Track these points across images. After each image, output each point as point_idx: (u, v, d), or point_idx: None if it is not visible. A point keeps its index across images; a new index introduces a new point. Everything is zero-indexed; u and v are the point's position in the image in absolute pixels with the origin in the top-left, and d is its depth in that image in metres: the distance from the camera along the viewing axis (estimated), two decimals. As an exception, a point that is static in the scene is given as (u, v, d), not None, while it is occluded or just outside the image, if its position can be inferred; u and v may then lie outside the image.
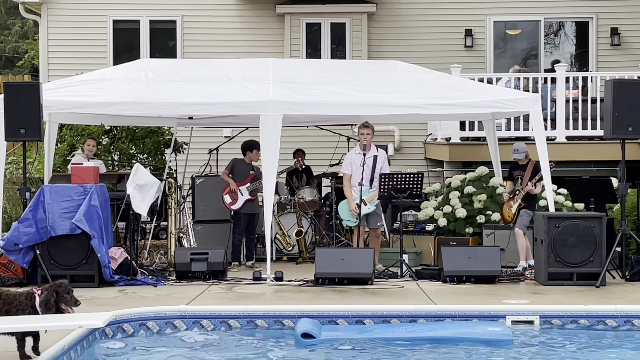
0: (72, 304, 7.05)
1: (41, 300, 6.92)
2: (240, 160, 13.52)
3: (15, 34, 38.85)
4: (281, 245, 14.10)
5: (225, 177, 13.36)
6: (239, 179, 13.30)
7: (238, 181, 13.28)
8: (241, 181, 13.28)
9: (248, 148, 13.49)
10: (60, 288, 7.00)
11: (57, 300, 6.96)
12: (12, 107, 11.06)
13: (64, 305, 7.00)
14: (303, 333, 8.43)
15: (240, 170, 13.39)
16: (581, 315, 9.14)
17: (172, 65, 14.42)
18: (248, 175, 13.30)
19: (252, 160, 13.46)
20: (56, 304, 6.97)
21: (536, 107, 12.30)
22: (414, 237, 13.74)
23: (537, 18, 19.12)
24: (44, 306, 6.91)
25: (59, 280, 7.15)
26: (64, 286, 7.04)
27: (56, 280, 7.17)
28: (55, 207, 11.06)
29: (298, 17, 18.84)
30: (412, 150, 18.74)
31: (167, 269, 12.48)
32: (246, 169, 13.37)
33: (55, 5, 19.00)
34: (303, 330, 8.46)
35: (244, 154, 13.49)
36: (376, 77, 13.09)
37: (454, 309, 9.23)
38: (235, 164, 13.49)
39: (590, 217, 11.35)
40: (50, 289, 6.98)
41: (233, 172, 13.38)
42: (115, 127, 15.70)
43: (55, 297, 6.95)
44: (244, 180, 13.28)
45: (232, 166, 13.47)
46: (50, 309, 6.92)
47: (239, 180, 13.29)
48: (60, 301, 6.97)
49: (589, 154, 15.95)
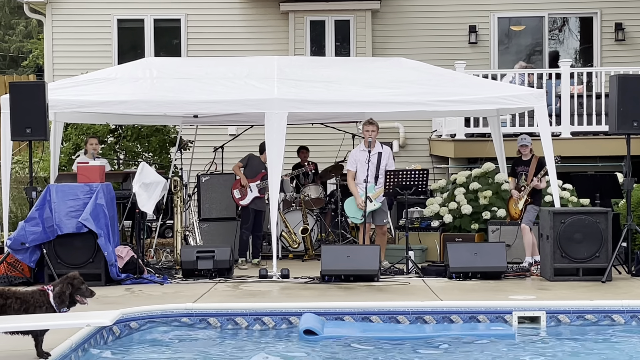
0: (88, 295, 7.10)
1: (55, 293, 6.95)
2: (256, 157, 13.53)
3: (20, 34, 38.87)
4: (287, 242, 14.11)
5: (237, 170, 13.38)
6: (250, 175, 13.32)
7: (249, 177, 13.30)
8: (252, 177, 13.30)
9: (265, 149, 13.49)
10: (75, 280, 7.05)
11: (72, 293, 7.00)
12: (17, 107, 11.10)
13: (79, 296, 7.04)
14: (305, 330, 8.46)
15: (253, 166, 13.40)
16: (587, 311, 9.15)
17: (177, 63, 14.45)
18: (260, 172, 13.31)
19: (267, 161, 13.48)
20: (71, 296, 7.00)
21: (541, 103, 12.29)
22: (419, 233, 13.75)
23: (542, 14, 19.10)
24: (58, 298, 6.93)
25: (71, 273, 7.18)
26: (78, 278, 7.09)
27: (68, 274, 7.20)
28: (61, 206, 11.08)
29: (302, 14, 18.84)
30: (417, 147, 18.74)
31: (174, 267, 12.50)
32: (259, 166, 13.37)
33: (60, 5, 19.02)
34: (305, 327, 8.49)
35: (261, 152, 13.47)
36: (381, 74, 13.09)
37: (460, 305, 9.24)
38: (251, 160, 13.49)
39: (595, 212, 11.34)
40: (65, 281, 7.02)
41: (246, 167, 13.39)
42: (120, 126, 15.71)
43: (71, 289, 6.99)
44: (255, 177, 13.30)
45: (248, 160, 13.47)
46: (64, 301, 6.96)
47: (250, 177, 13.30)
48: (75, 293, 7.01)
49: (594, 149, 15.93)
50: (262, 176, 13.26)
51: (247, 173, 13.34)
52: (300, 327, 8.57)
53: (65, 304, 6.98)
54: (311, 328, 8.47)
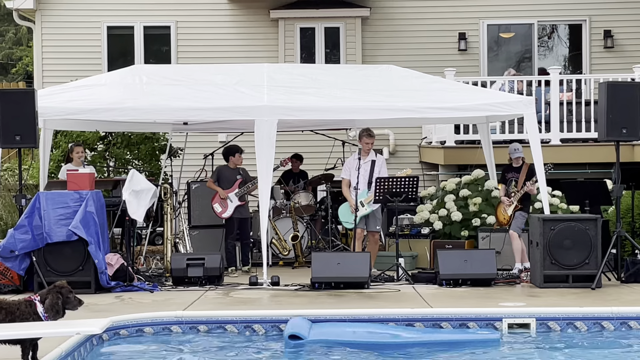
0: (76, 304, 7.07)
1: (48, 306, 6.90)
2: (224, 167, 13.50)
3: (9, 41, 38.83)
4: (277, 249, 14.10)
5: (212, 185, 13.32)
6: (226, 186, 13.27)
7: (226, 188, 13.26)
8: (229, 187, 13.27)
9: (229, 153, 13.49)
10: (63, 289, 7.01)
11: (63, 302, 6.97)
12: (7, 114, 11.08)
13: (69, 305, 7.01)
14: (290, 335, 8.45)
15: (226, 177, 13.36)
16: (577, 317, 9.16)
17: (167, 70, 14.42)
18: (235, 180, 13.28)
19: (237, 165, 13.46)
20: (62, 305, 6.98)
21: (530, 110, 12.32)
22: (409, 240, 13.77)
23: (531, 21, 19.15)
24: (53, 310, 6.89)
25: (58, 282, 7.13)
26: (66, 287, 7.05)
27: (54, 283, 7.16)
28: (51, 213, 11.06)
29: (292, 21, 18.86)
30: (407, 153, 18.75)
31: (164, 275, 12.48)
32: (232, 175, 13.35)
33: (49, 12, 19.00)
34: (290, 332, 8.48)
35: (227, 159, 13.48)
36: (371, 81, 13.11)
37: (451, 312, 9.24)
38: (221, 172, 13.45)
39: (585, 219, 11.38)
40: (54, 292, 6.96)
41: (220, 180, 13.34)
42: (110, 133, 15.69)
43: (62, 298, 6.95)
44: (231, 186, 13.26)
45: (218, 174, 13.43)
46: (59, 312, 6.92)
47: (226, 187, 13.26)
48: (65, 303, 6.98)
49: (583, 156, 15.96)
50: (239, 183, 13.23)
51: (222, 185, 13.27)
52: (286, 331, 8.56)
53: (60, 314, 6.95)
54: (296, 333, 8.45)
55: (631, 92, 11.54)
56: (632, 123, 11.43)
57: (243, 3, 19.01)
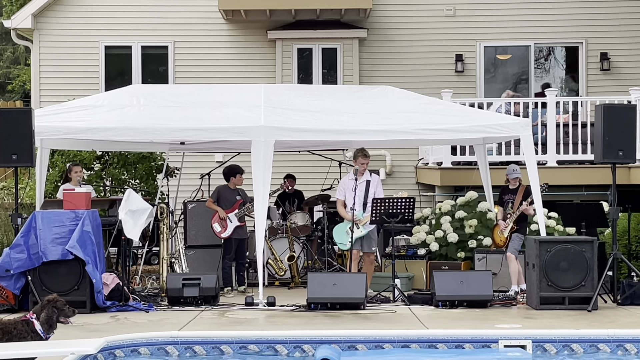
0: (70, 314, 7.11)
1: (43, 319, 6.92)
2: (225, 187, 13.50)
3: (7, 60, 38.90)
4: (273, 270, 14.08)
5: (212, 205, 13.32)
6: (226, 206, 13.27)
7: (225, 208, 13.25)
8: (229, 208, 13.26)
9: (231, 174, 13.49)
10: (57, 302, 7.05)
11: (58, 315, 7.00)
12: (4, 133, 11.07)
13: (63, 317, 7.03)
14: (322, 359, 8.37)
15: (226, 197, 13.36)
16: (573, 340, 9.14)
17: (164, 90, 14.44)
18: (235, 201, 13.28)
19: (237, 185, 13.46)
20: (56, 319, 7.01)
21: (527, 131, 12.35)
22: (406, 261, 13.76)
23: (527, 43, 19.22)
24: (47, 324, 6.91)
25: (50, 296, 7.17)
26: (60, 300, 7.10)
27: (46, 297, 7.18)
28: (47, 232, 11.05)
29: (289, 42, 18.92)
30: (404, 174, 18.78)
31: (159, 295, 12.44)
32: (232, 195, 13.35)
33: (47, 31, 19.04)
34: (322, 356, 8.40)
35: (227, 179, 13.48)
36: (368, 102, 13.13)
37: (447, 334, 9.22)
38: (221, 192, 13.45)
39: (581, 241, 11.37)
40: (49, 306, 7.00)
41: (219, 200, 13.34)
42: (107, 153, 15.69)
43: (57, 312, 6.98)
44: (231, 206, 13.26)
45: (218, 194, 13.43)
46: (53, 325, 6.95)
47: (226, 207, 13.26)
48: (60, 315, 7.01)
49: (579, 178, 15.98)
50: (239, 204, 13.23)
51: (222, 205, 13.28)
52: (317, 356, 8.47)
53: (54, 328, 6.97)
54: (327, 357, 8.37)
55: (627, 115, 11.58)
56: (628, 145, 11.45)
57: (241, 23, 19.08)
